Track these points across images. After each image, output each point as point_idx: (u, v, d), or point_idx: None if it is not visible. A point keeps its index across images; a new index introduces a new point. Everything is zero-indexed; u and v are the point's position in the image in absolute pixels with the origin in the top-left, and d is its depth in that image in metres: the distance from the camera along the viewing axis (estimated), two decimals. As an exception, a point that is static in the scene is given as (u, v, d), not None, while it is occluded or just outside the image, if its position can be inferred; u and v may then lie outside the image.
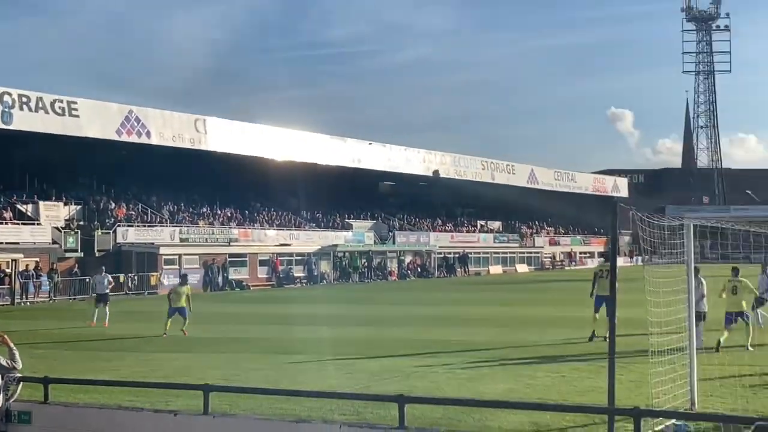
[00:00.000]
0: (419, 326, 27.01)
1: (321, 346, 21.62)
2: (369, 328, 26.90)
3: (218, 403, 12.40)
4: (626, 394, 13.51)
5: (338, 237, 68.17)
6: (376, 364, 18.23)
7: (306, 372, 17.35)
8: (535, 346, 21.09)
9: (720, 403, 12.93)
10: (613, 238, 13.20)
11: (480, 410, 12.38)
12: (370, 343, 22.29)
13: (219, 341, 23.74)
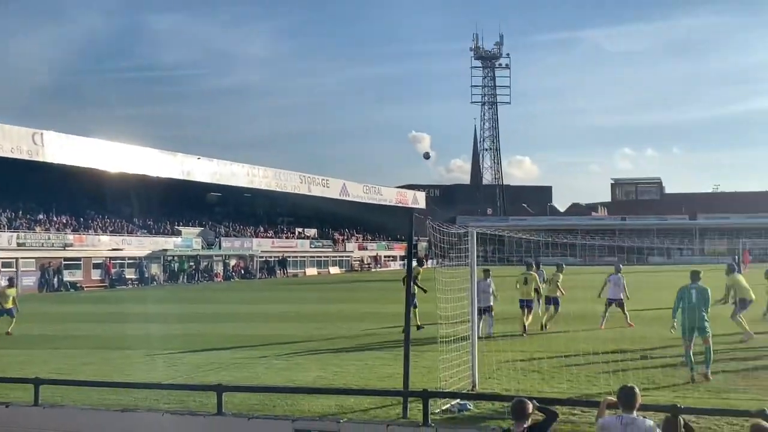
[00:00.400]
0: (241, 323, 26.66)
1: (149, 341, 21.00)
2: (194, 324, 26.30)
3: (50, 396, 11.86)
4: (420, 378, 13.82)
5: (168, 242, 66.50)
6: (200, 357, 17.85)
7: (134, 365, 16.80)
8: (344, 338, 21.27)
9: (496, 384, 13.46)
10: (409, 243, 13.54)
11: (292, 396, 12.36)
12: (194, 338, 21.80)
13: (53, 338, 22.62)
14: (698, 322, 14.08)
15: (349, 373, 15.25)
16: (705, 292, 14.36)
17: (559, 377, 14.11)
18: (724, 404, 11.54)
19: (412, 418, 10.46)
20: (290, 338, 21.34)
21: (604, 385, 13.02)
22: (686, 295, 14.38)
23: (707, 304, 14.35)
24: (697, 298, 14.25)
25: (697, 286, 14.48)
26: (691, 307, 14.18)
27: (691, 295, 14.29)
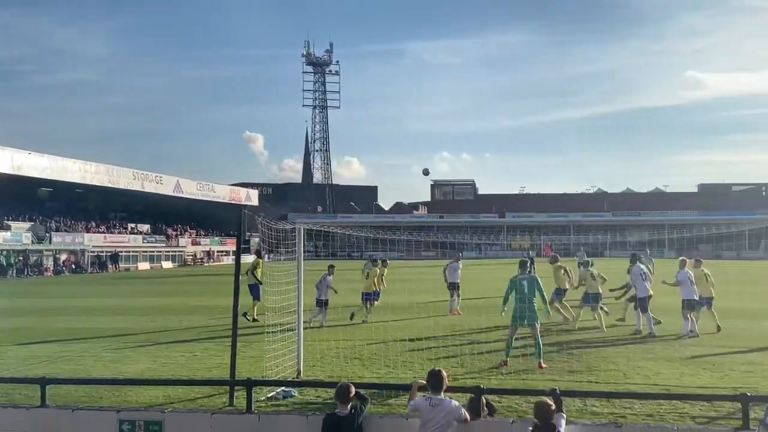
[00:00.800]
0: (70, 316, 25.38)
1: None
2: (23, 318, 24.77)
3: None
4: (247, 368, 13.71)
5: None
6: (28, 351, 16.85)
7: (-44, 361, 15.64)
8: (174, 331, 20.69)
9: (320, 372, 13.54)
10: (239, 238, 13.37)
11: (120, 388, 11.92)
12: (23, 332, 20.55)
13: None
14: (528, 311, 14.27)
15: (178, 364, 14.86)
16: (535, 281, 14.56)
17: (378, 363, 14.35)
18: (524, 385, 12.13)
19: (237, 406, 10.34)
20: (120, 331, 20.53)
21: (419, 369, 13.37)
22: (518, 285, 14.53)
23: (541, 293, 14.58)
24: (529, 288, 14.41)
25: (528, 276, 14.67)
26: (522, 297, 14.33)
27: (523, 286, 14.44)
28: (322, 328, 19.82)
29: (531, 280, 14.54)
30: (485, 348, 16.05)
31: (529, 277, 14.63)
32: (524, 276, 14.62)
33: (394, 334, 18.12)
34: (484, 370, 13.56)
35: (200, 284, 46.00)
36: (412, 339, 16.73)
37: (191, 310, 26.65)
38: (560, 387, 10.10)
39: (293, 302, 13.64)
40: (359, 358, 15.08)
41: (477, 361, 14.48)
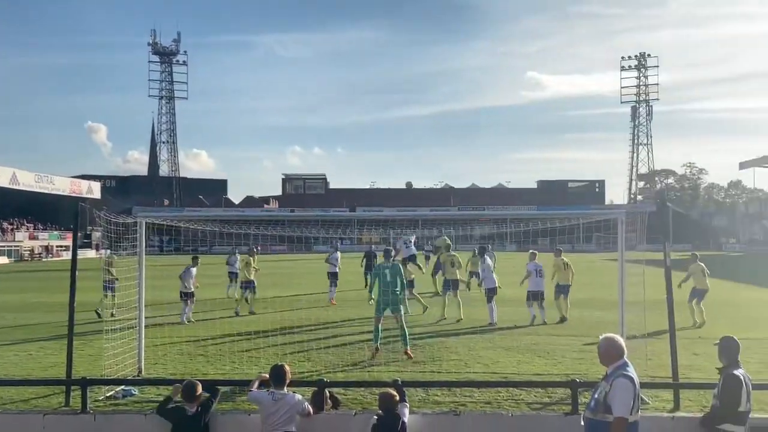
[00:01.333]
0: None
1: None
2: None
3: None
4: (85, 366, 13.17)
5: None
6: None
7: None
8: (8, 329, 19.52)
9: (162, 369, 13.17)
10: (74, 232, 12.78)
11: (-57, 391, 11.12)
12: None
13: None
14: (392, 299, 14.48)
15: (11, 363, 14.06)
16: (398, 270, 14.84)
17: (224, 359, 14.11)
18: (369, 377, 12.28)
19: (73, 407, 9.88)
20: (-54, 331, 19.16)
21: (265, 365, 13.24)
22: (381, 273, 14.75)
23: (402, 283, 14.84)
24: (392, 276, 14.65)
25: (391, 265, 14.92)
26: (386, 285, 14.54)
27: (386, 274, 14.66)
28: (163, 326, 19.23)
29: (394, 268, 14.82)
30: (334, 342, 16.13)
31: (392, 265, 14.91)
32: (387, 265, 14.88)
33: (240, 329, 17.89)
34: (330, 364, 13.61)
35: (38, 280, 43.66)
36: (258, 334, 16.57)
37: (28, 308, 25.23)
38: (404, 378, 10.31)
39: (134, 298, 13.19)
40: (204, 355, 14.77)
41: (324, 354, 14.52)
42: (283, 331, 16.84)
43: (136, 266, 13.11)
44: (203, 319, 20.57)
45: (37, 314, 22.95)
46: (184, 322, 19.84)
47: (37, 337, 17.85)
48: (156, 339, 15.40)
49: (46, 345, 16.40)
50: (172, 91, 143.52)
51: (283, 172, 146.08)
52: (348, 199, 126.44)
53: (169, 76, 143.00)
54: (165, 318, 19.43)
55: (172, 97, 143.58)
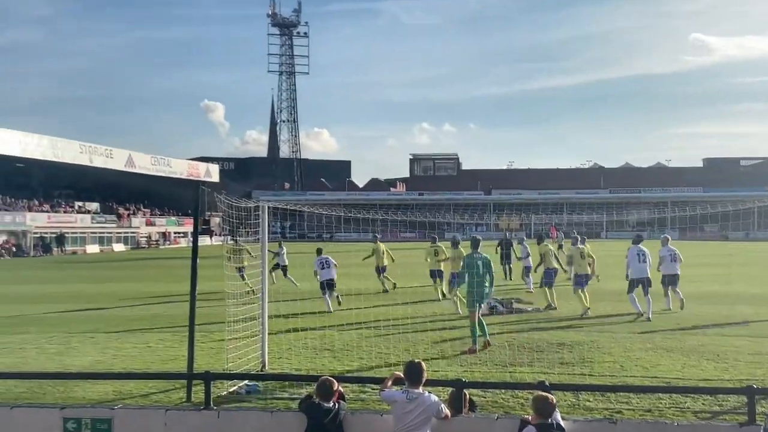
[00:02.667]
0: (10, 304, 25.10)
1: None
2: (-44, 307, 24.54)
3: None
4: (206, 360, 13.68)
5: (-74, 216, 61.58)
6: (-39, 343, 16.73)
7: None
8: (126, 320, 20.59)
9: (287, 364, 13.53)
10: (195, 218, 13.29)
11: (65, 382, 11.87)
12: (-45, 323, 20.40)
13: None
14: (479, 294, 14.85)
15: (130, 356, 14.80)
16: (489, 262, 15.17)
17: (351, 355, 14.36)
18: (510, 378, 12.20)
19: (195, 402, 10.30)
20: (66, 320, 20.44)
21: (396, 361, 13.38)
22: (473, 264, 15.01)
23: (492, 276, 15.18)
24: (484, 268, 14.97)
25: (482, 255, 15.20)
26: (480, 278, 14.82)
27: (478, 266, 14.95)
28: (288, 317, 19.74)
29: (486, 260, 15.11)
30: (469, 339, 16.10)
31: (483, 256, 15.17)
32: (478, 255, 15.15)
33: (369, 321, 18.13)
34: (467, 362, 13.61)
35: (156, 268, 45.79)
36: (388, 328, 16.74)
37: (145, 297, 26.52)
38: (550, 380, 10.16)
39: (257, 287, 13.59)
40: (330, 350, 15.07)
41: (459, 352, 14.53)
42: (414, 325, 16.97)
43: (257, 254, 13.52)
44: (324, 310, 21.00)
45: (156, 304, 24.09)
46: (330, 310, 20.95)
47: (156, 328, 18.73)
48: (281, 332, 15.82)
49: (165, 337, 17.18)
50: (293, 65, 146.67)
51: (411, 152, 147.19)
52: (482, 180, 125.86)
53: (290, 49, 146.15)
54: (289, 309, 19.95)
55: (292, 72, 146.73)
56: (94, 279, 37.41)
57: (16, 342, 16.77)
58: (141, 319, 20.56)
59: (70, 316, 21.36)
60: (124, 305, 24.22)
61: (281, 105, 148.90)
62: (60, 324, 19.65)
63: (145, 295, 27.26)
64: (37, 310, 23.06)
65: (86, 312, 22.45)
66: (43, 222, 74.87)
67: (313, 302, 21.49)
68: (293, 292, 22.22)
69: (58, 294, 28.78)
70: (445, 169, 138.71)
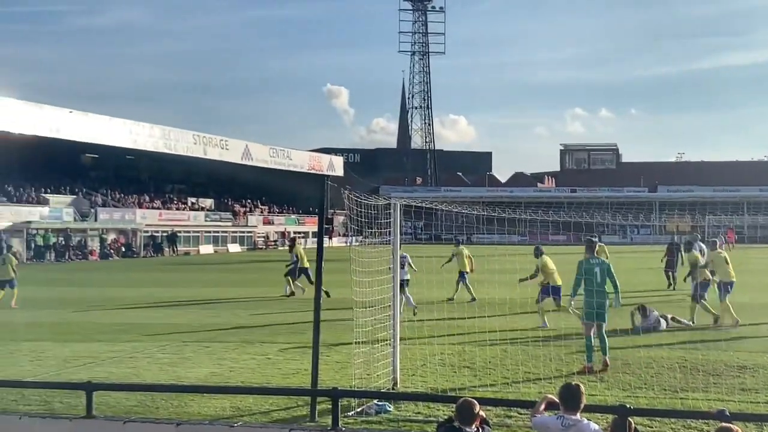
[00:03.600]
0: (120, 309, 26.25)
1: (7, 331, 20.54)
2: (63, 311, 25.78)
3: None
4: (331, 375, 13.92)
5: (33, 213, 64.68)
6: (69, 350, 17.57)
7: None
8: (243, 328, 21.18)
9: (421, 382, 13.59)
10: (321, 215, 13.51)
11: (179, 396, 12.29)
12: (63, 327, 21.44)
13: None
14: (599, 306, 14.73)
15: (248, 368, 15.21)
16: (609, 268, 15.04)
17: (494, 374, 14.30)
18: (682, 405, 11.89)
19: (320, 422, 10.49)
20: (179, 328, 21.13)
21: (546, 384, 13.26)
22: (590, 271, 14.90)
23: (615, 284, 15.08)
24: (602, 276, 14.88)
25: (600, 260, 15.21)
26: (598, 287, 14.75)
27: (596, 274, 14.85)
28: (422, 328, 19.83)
29: (605, 266, 15.00)
30: (632, 359, 15.80)
31: (601, 262, 15.14)
32: (595, 260, 15.10)
33: (516, 336, 18.02)
34: (630, 386, 13.35)
35: (274, 272, 46.70)
36: (537, 343, 16.60)
37: (264, 304, 27.19)
38: (730, 408, 9.84)
39: (387, 295, 13.72)
40: (470, 367, 15.07)
41: (622, 374, 14.28)
42: (566, 341, 16.74)
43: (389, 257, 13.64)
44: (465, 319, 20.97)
45: (275, 312, 24.62)
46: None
47: (276, 338, 19.16)
48: (414, 345, 15.92)
49: (287, 348, 17.57)
50: (426, 44, 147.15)
51: (562, 142, 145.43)
52: (646, 175, 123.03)
53: (423, 26, 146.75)
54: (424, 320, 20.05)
55: (426, 52, 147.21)
56: (209, 282, 38.63)
57: (127, 351, 17.49)
58: (259, 328, 21.09)
59: (184, 324, 22.08)
60: (240, 312, 24.88)
61: (413, 89, 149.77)
62: (173, 332, 20.36)
63: (262, 302, 27.94)
64: (149, 317, 24.00)
65: (200, 319, 23.18)
66: (154, 220, 77.57)
67: (452, 312, 21.49)
68: (427, 301, 22.25)
69: (171, 298, 29.85)
70: (602, 161, 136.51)
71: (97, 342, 18.79)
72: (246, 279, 41.37)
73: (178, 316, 24.18)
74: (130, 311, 25.73)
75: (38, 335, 19.75)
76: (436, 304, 21.94)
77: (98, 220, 70.92)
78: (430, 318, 20.49)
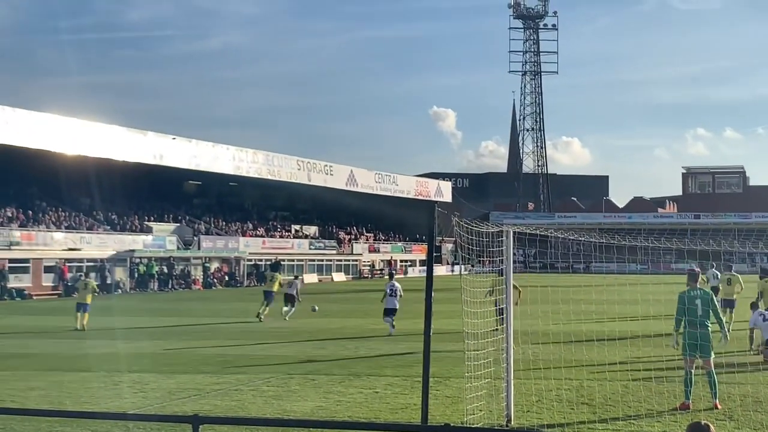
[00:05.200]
0: (224, 340, 26.67)
1: (112, 361, 21.08)
2: (167, 341, 26.33)
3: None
4: (441, 410, 13.88)
5: (136, 241, 66.42)
6: (173, 382, 17.90)
7: (93, 390, 16.86)
8: (349, 360, 21.28)
9: (536, 419, 13.44)
10: (430, 243, 13.52)
11: (285, 430, 12.39)
12: (167, 358, 21.88)
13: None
14: (702, 338, 14.39)
15: (356, 402, 15.26)
16: (711, 299, 14.91)
17: (615, 411, 14.07)
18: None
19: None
20: (283, 359, 21.36)
21: (671, 421, 12.97)
22: (689, 302, 14.65)
23: (714, 315, 14.85)
24: (703, 307, 14.59)
25: (701, 291, 15.06)
26: (694, 319, 14.47)
27: (696, 305, 14.57)
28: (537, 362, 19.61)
29: (705, 297, 14.83)
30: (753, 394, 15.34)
31: (703, 292, 15.03)
32: (697, 292, 14.88)
33: (638, 372, 17.68)
34: (761, 425, 12.95)
35: (380, 303, 46.88)
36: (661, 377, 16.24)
37: (370, 335, 27.30)
38: None
39: (500, 327, 13.63)
40: (588, 404, 14.84)
41: (752, 412, 13.86)
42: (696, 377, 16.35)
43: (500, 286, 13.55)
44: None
45: (382, 343, 24.72)
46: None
47: (383, 371, 19.20)
48: (528, 380, 15.76)
49: (394, 381, 17.57)
50: (538, 63, 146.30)
51: (684, 165, 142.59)
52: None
53: (535, 44, 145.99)
54: (538, 353, 19.85)
55: (537, 71, 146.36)
56: (313, 313, 38.90)
57: (231, 383, 17.73)
58: (366, 361, 21.16)
59: (289, 355, 22.29)
60: (346, 344, 25.01)
61: (524, 111, 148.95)
62: (277, 363, 20.57)
63: (369, 333, 28.05)
64: (253, 348, 24.31)
65: (305, 351, 23.37)
66: (257, 248, 78.66)
67: (567, 346, 21.22)
68: (543, 333, 22.07)
69: (275, 330, 30.16)
70: (728, 185, 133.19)
71: (202, 374, 19.10)
72: (352, 309, 41.62)
73: (282, 347, 24.44)
74: (233, 342, 26.08)
75: (142, 366, 20.18)
76: (552, 335, 21.73)
77: (201, 248, 72.25)
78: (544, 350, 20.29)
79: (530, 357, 19.11)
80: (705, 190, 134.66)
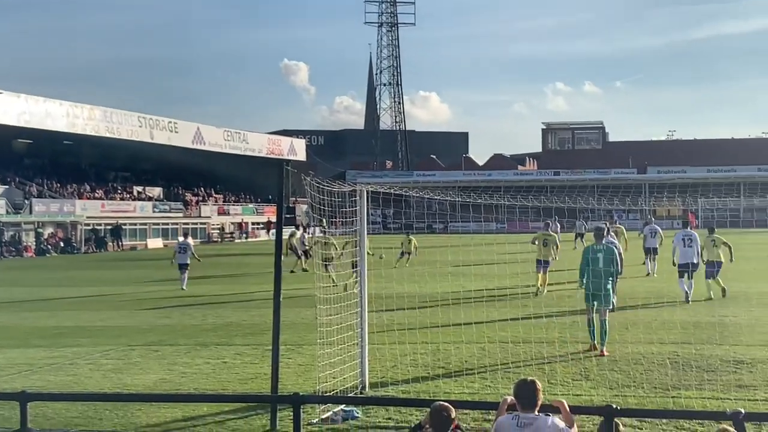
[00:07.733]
0: (59, 311, 26.07)
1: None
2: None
3: None
4: (294, 379, 13.95)
5: (-42, 205, 64.23)
6: (1, 357, 17.45)
7: None
8: (196, 329, 21.11)
9: (392, 386, 13.63)
10: (279, 204, 13.50)
11: (125, 405, 12.25)
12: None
13: None
14: (603, 289, 16.01)
15: (202, 374, 15.18)
16: (612, 254, 16.41)
17: (472, 374, 14.36)
18: (675, 404, 11.99)
19: (281, 430, 10.50)
20: (124, 331, 21.07)
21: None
22: (591, 257, 16.27)
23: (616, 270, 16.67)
24: (604, 261, 16.11)
25: (604, 247, 16.59)
26: (596, 272, 16.01)
27: (598, 259, 16.14)
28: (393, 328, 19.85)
29: (608, 252, 16.43)
30: (620, 354, 15.94)
31: (605, 248, 16.59)
32: (599, 247, 16.54)
33: (494, 333, 18.08)
34: (618, 384, 13.46)
35: (231, 267, 46.67)
36: (517, 342, 16.68)
37: (219, 303, 27.09)
38: (726, 406, 9.95)
39: (354, 291, 13.73)
40: (444, 367, 15.13)
41: (610, 372, 14.39)
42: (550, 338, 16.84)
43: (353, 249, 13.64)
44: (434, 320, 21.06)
45: (231, 311, 24.59)
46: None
47: (233, 340, 19.15)
48: (384, 345, 15.95)
49: (244, 351, 17.55)
50: (395, 15, 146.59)
51: (543, 121, 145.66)
52: (635, 155, 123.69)
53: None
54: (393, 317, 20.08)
55: (394, 23, 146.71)
56: (158, 280, 38.40)
57: (67, 357, 17.39)
58: (214, 330, 21.03)
59: (131, 326, 22.01)
60: (193, 312, 24.80)
61: (381, 65, 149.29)
62: (117, 335, 20.29)
63: (218, 300, 27.85)
64: (90, 319, 23.86)
65: (149, 321, 23.10)
66: (95, 211, 76.80)
67: (423, 309, 21.53)
68: (398, 296, 22.30)
69: (116, 299, 29.69)
70: (587, 141, 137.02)
71: (34, 347, 18.68)
72: (199, 276, 41.13)
73: (123, 317, 24.07)
74: (70, 313, 25.53)
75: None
76: (407, 299, 21.97)
77: (33, 212, 70.04)
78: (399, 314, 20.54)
79: (385, 321, 19.32)
80: (564, 146, 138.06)
